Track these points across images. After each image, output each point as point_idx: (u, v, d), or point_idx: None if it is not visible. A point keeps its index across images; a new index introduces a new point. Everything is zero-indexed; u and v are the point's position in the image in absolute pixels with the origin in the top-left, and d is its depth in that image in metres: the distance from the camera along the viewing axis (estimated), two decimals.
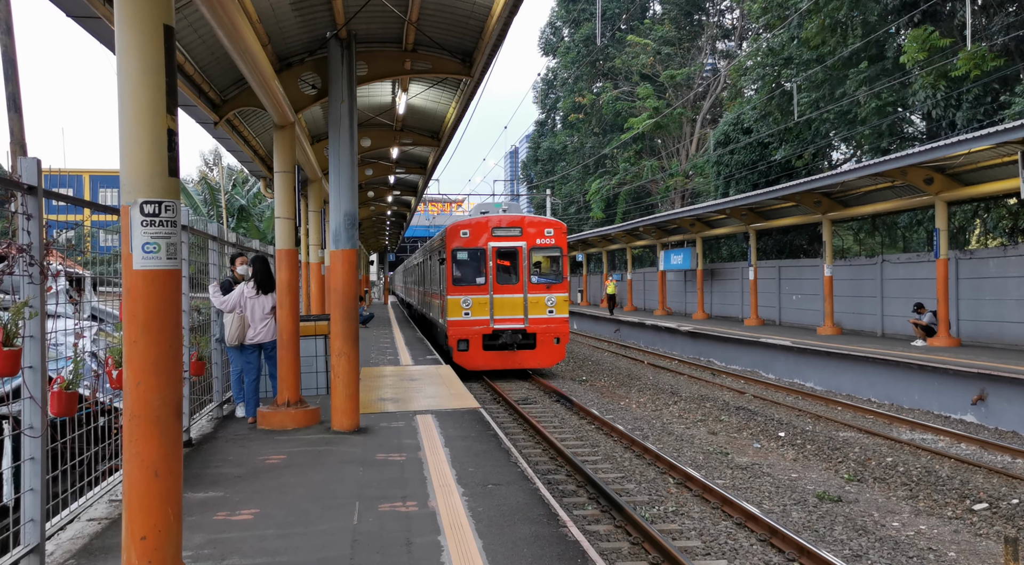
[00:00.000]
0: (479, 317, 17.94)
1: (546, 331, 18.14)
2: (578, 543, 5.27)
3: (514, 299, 18.08)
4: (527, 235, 18.27)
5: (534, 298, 18.08)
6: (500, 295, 18.05)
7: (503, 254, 18.22)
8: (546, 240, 18.33)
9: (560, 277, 18.35)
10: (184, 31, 7.82)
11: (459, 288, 18.02)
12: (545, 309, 18.10)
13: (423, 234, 60.28)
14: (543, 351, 18.25)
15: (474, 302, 17.95)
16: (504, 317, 18.00)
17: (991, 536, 7.69)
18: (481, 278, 18.09)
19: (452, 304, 18.00)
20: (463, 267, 18.13)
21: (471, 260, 18.11)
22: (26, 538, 4.46)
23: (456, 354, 18.06)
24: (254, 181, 45.42)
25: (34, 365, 4.46)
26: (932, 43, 19.89)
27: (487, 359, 18.07)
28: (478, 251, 18.15)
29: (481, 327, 17.98)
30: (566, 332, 18.37)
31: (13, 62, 13.85)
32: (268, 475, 7.11)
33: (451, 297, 18.01)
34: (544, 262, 18.55)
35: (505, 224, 18.35)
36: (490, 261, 18.02)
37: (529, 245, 18.23)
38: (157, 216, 3.87)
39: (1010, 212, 21.21)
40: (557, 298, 18.19)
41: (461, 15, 9.07)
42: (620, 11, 45.71)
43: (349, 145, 9.14)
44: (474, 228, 18.27)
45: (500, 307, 18.03)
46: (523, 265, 18.10)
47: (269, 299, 9.54)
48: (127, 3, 3.83)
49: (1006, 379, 12.42)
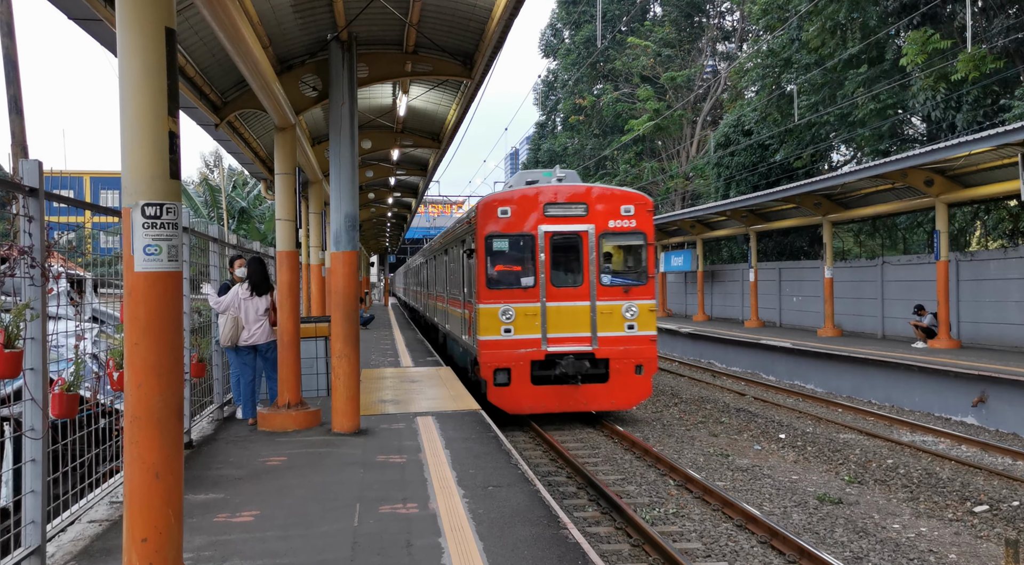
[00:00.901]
0: (525, 335, 12.27)
1: (624, 355, 12.46)
2: (579, 545, 5.27)
3: (576, 309, 12.47)
4: (595, 214, 12.64)
5: (606, 307, 12.46)
6: (556, 303, 12.44)
7: (561, 243, 12.66)
8: (623, 222, 12.69)
9: (644, 276, 12.75)
10: (185, 33, 7.83)
11: (496, 293, 12.38)
12: (622, 323, 12.45)
13: (424, 236, 60.26)
14: (620, 385, 12.50)
15: (518, 314, 12.24)
16: (562, 335, 12.37)
17: (992, 538, 7.68)
18: (528, 278, 12.47)
19: (486, 316, 12.29)
20: (502, 262, 12.69)
21: (514, 251, 12.65)
22: (27, 540, 4.46)
23: (491, 390, 12.25)
24: (255, 183, 45.45)
25: (35, 367, 4.46)
26: (932, 45, 19.90)
27: (538, 398, 12.35)
28: (524, 238, 12.53)
29: (529, 350, 12.27)
30: (653, 356, 12.61)
31: (14, 64, 13.87)
32: (269, 477, 7.11)
33: (484, 305, 12.35)
34: (619, 253, 13.21)
35: (563, 199, 12.66)
36: (541, 253, 12.39)
37: (598, 229, 12.60)
38: (158, 218, 3.88)
39: (1010, 214, 21.22)
40: (640, 307, 12.51)
41: (462, 17, 9.08)
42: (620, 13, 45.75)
43: (350, 147, 9.14)
44: (518, 204, 12.54)
45: (557, 320, 12.39)
46: (590, 258, 12.53)
47: (263, 300, 9.52)
48: (128, 5, 3.84)
49: (1007, 381, 12.42)
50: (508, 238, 12.59)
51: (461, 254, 14.64)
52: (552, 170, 13.89)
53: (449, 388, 12.45)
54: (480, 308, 12.40)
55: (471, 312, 13.31)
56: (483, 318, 12.34)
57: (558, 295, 12.50)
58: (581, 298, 12.50)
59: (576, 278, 12.64)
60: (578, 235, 12.61)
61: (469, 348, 13.78)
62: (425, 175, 19.82)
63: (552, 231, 12.55)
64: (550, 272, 12.49)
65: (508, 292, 12.44)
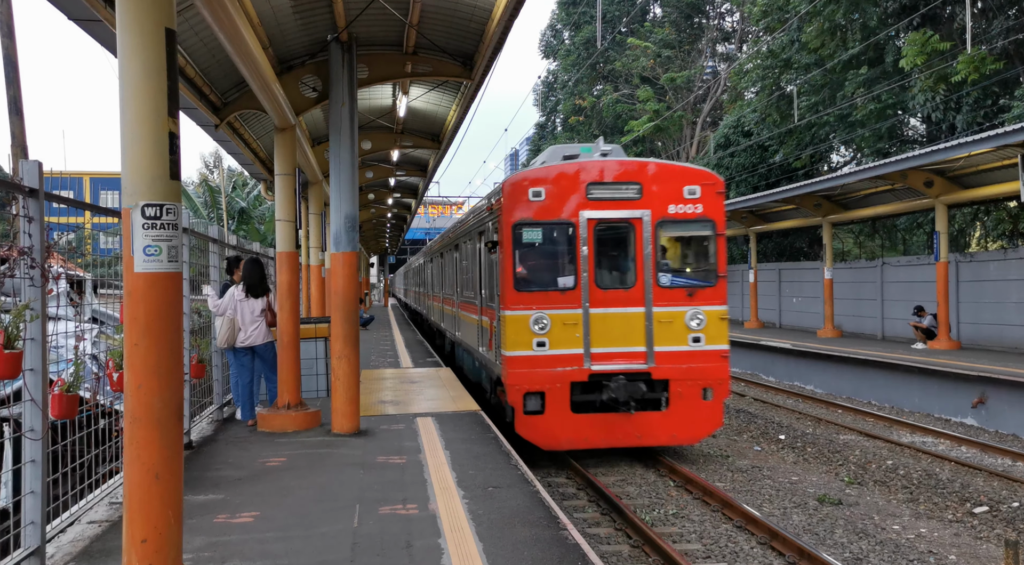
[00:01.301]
0: (564, 350, 9.82)
1: (689, 375, 9.95)
2: (578, 546, 5.27)
3: (628, 317, 9.95)
4: (651, 197, 10.05)
5: (666, 314, 9.96)
6: (602, 309, 9.91)
7: (608, 233, 10.20)
8: (686, 207, 10.11)
9: (713, 275, 10.22)
10: (185, 34, 7.83)
11: (526, 297, 9.90)
12: (685, 334, 9.97)
13: (423, 236, 60.29)
14: (683, 413, 9.96)
15: (555, 323, 9.81)
16: (610, 350, 9.88)
17: (991, 539, 7.68)
18: (567, 278, 10.02)
19: (514, 326, 9.84)
20: (534, 257, 10.17)
21: (549, 244, 10.13)
22: (27, 541, 4.46)
23: (521, 420, 9.79)
24: (255, 184, 45.46)
25: (35, 368, 4.46)
26: (932, 47, 19.92)
27: (579, 430, 9.85)
28: (562, 227, 10.05)
29: (568, 369, 9.81)
30: (725, 376, 10.10)
31: (14, 65, 13.87)
32: (269, 478, 7.10)
33: (511, 312, 9.87)
34: (676, 248, 10.61)
35: (612, 177, 10.13)
36: (584, 246, 9.92)
37: (656, 215, 10.04)
38: (158, 219, 3.88)
39: (1010, 215, 21.23)
40: (709, 314, 10.02)
41: (462, 18, 9.08)
42: (620, 14, 45.78)
43: (350, 148, 9.15)
44: (555, 185, 10.02)
45: (603, 332, 9.88)
46: (644, 253, 9.98)
47: (259, 302, 9.51)
48: (128, 6, 3.84)
49: (1006, 382, 12.42)
50: (542, 227, 9.96)
51: (477, 249, 12.26)
52: (593, 144, 11.42)
53: (449, 389, 12.45)
54: (506, 315, 9.82)
55: (492, 320, 10.83)
56: (510, 328, 9.78)
57: (605, 299, 9.93)
58: (633, 303, 9.95)
59: (627, 278, 10.09)
60: (630, 223, 10.03)
61: (489, 364, 11.16)
62: (425, 176, 19.83)
63: (597, 218, 9.96)
64: (594, 270, 9.95)
65: (541, 295, 9.88)
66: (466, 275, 14.02)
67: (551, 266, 10.11)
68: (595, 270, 9.98)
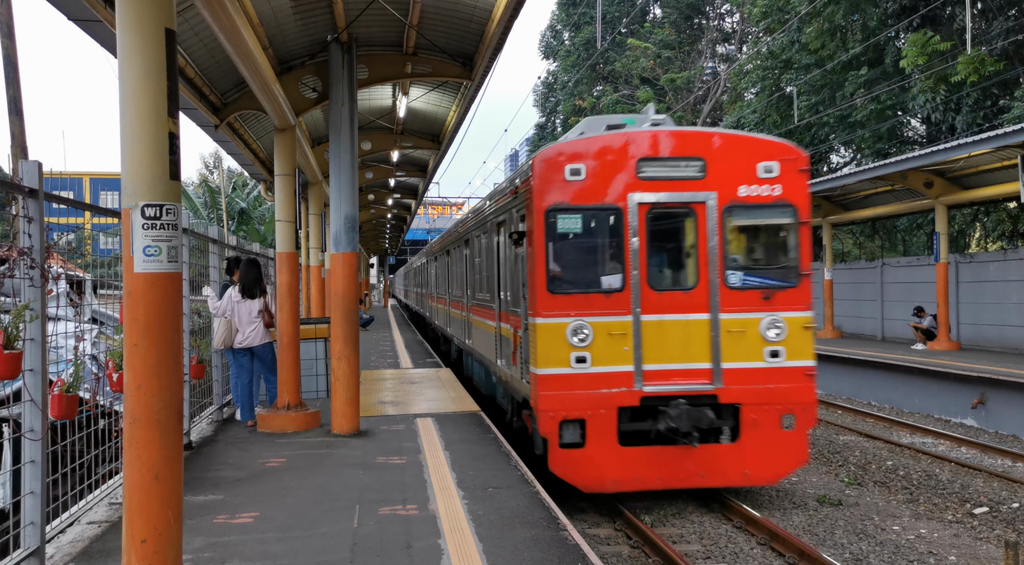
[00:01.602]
0: (609, 367, 7.95)
1: (765, 398, 8.06)
2: (578, 546, 5.27)
3: (688, 325, 8.11)
4: (718, 175, 8.16)
5: (736, 322, 8.09)
6: (657, 316, 8.06)
7: (664, 221, 8.37)
8: (762, 188, 8.22)
9: (794, 273, 8.27)
10: (185, 34, 7.83)
11: (563, 300, 7.99)
12: (760, 347, 8.10)
13: (423, 237, 60.30)
14: (758, 446, 8.08)
15: (598, 333, 7.95)
16: (667, 367, 8.04)
17: (991, 540, 7.68)
18: (613, 277, 8.13)
19: (547, 337, 7.96)
20: (573, 252, 8.29)
21: (590, 235, 8.30)
22: (26, 541, 4.46)
23: (556, 455, 7.90)
24: (254, 184, 45.46)
25: (35, 368, 4.46)
26: (932, 47, 19.93)
27: (628, 467, 7.97)
28: (607, 214, 8.18)
29: (615, 391, 7.94)
30: (811, 400, 8.17)
31: (14, 65, 13.87)
32: (268, 478, 7.10)
33: (545, 319, 7.97)
34: (748, 239, 8.58)
35: (669, 151, 8.21)
36: (634, 237, 8.05)
37: (723, 198, 8.15)
38: (158, 219, 3.88)
39: (1010, 216, 21.23)
40: (790, 323, 8.14)
41: (462, 19, 9.09)
42: (620, 15, 45.80)
43: (350, 148, 9.15)
44: (598, 160, 8.11)
45: (658, 344, 8.04)
46: (709, 245, 8.12)
47: (256, 303, 9.51)
48: (128, 6, 3.84)
49: (1006, 383, 12.41)
50: (582, 213, 8.04)
51: (496, 243, 10.45)
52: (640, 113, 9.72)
53: (449, 389, 12.45)
54: (537, 324, 7.91)
55: (516, 328, 9.07)
56: (542, 340, 7.87)
57: (659, 304, 7.98)
58: (695, 308, 8.01)
59: (687, 277, 8.23)
60: (690, 208, 8.09)
61: (511, 382, 9.39)
62: (425, 176, 19.83)
63: (650, 202, 8.01)
64: (647, 267, 8.02)
65: (581, 299, 7.91)
66: (479, 274, 12.17)
67: (593, 262, 8.25)
68: (647, 267, 8.05)
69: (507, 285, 9.83)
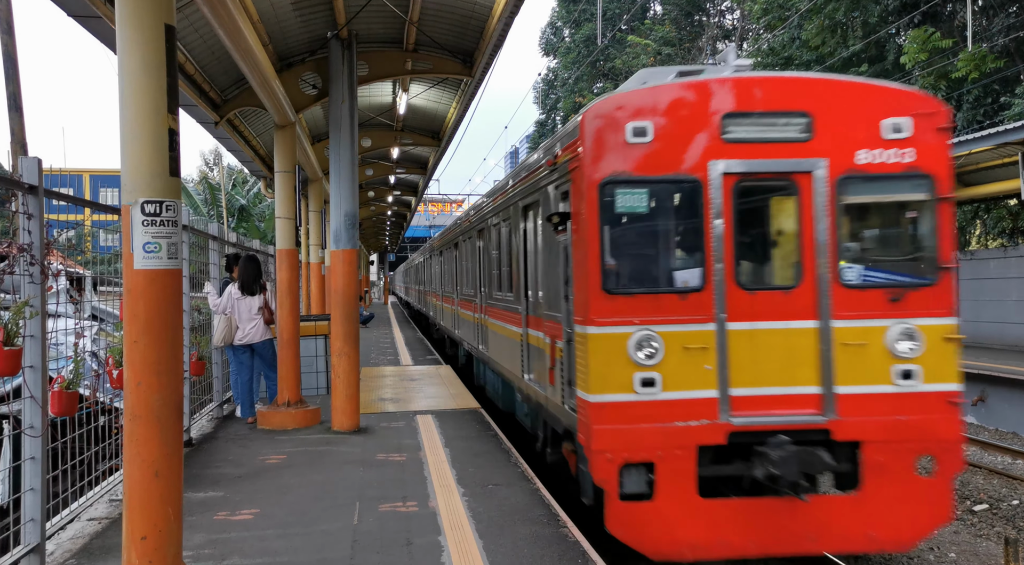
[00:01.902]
0: (685, 392, 5.88)
1: (894, 434, 5.92)
2: (579, 544, 5.28)
3: (791, 335, 5.99)
4: (828, 135, 6.00)
5: (853, 332, 5.97)
6: (748, 324, 5.95)
7: (756, 198, 6.33)
8: (887, 154, 6.05)
9: (932, 266, 6.10)
10: (185, 31, 7.82)
11: (623, 303, 5.90)
12: (888, 365, 5.99)
13: (424, 234, 60.30)
14: (886, 497, 5.89)
15: (670, 345, 5.88)
16: (762, 391, 5.94)
17: (991, 537, 7.69)
18: (690, 272, 6.08)
19: (603, 351, 5.88)
20: (634, 238, 6.32)
21: (659, 217, 6.27)
22: (26, 538, 4.46)
23: (616, 508, 5.72)
24: (254, 181, 45.45)
25: (35, 365, 4.46)
26: (933, 44, 19.90)
27: (714, 526, 5.83)
28: (682, 188, 6.10)
29: (692, 424, 5.86)
30: (955, 437, 5.97)
31: (14, 61, 13.85)
32: (268, 475, 7.11)
33: (598, 329, 5.89)
34: (869, 221, 6.59)
35: (762, 105, 6.06)
36: (717, 218, 5.94)
37: (837, 166, 6.02)
38: (158, 216, 3.87)
39: (1010, 213, 21.21)
40: (927, 332, 6.01)
41: (462, 15, 9.07)
42: (621, 12, 45.76)
43: (350, 145, 9.14)
44: (669, 117, 6.00)
45: (750, 360, 5.94)
46: (818, 229, 6.01)
47: (256, 299, 9.50)
48: (128, 2, 3.83)
49: (1006, 380, 12.42)
50: (648, 187, 6.02)
51: (521, 231, 8.51)
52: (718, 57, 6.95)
53: (449, 387, 12.45)
54: (590, 334, 5.91)
55: (554, 338, 7.06)
56: (597, 355, 5.89)
57: (752, 307, 5.95)
58: (799, 313, 5.98)
59: (788, 271, 6.14)
60: (792, 181, 6.05)
61: (548, 408, 7.35)
62: (425, 173, 19.82)
63: (740, 172, 5.98)
64: (734, 259, 5.97)
65: (648, 301, 5.92)
66: (498, 270, 10.22)
67: (663, 252, 6.24)
68: (735, 258, 5.93)
69: (538, 283, 7.84)
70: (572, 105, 48.59)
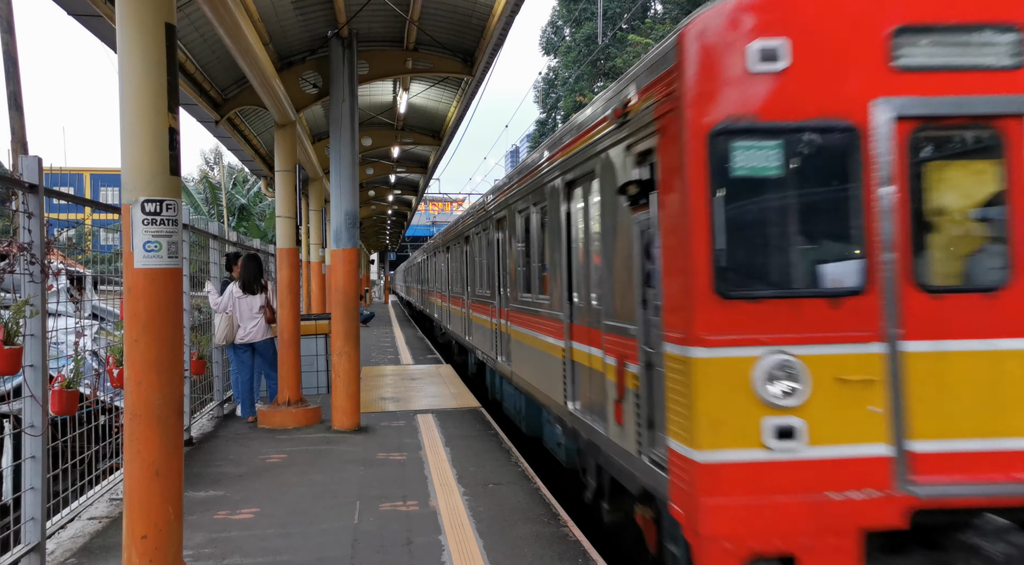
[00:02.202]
0: (839, 445, 3.72)
1: None
2: (579, 543, 5.27)
3: (996, 358, 3.77)
4: None
5: None
6: (930, 343, 3.77)
7: (942, 151, 4.13)
8: None
9: None
10: (185, 29, 7.82)
11: (743, 310, 3.74)
12: None
13: (425, 233, 60.30)
14: None
15: (818, 376, 3.73)
16: (955, 444, 3.75)
17: None
18: (845, 266, 3.87)
19: (716, 385, 3.72)
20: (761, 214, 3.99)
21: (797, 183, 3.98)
22: (27, 537, 4.46)
23: None
24: (255, 180, 45.46)
25: (35, 364, 4.46)
26: None
27: None
28: (833, 137, 3.84)
29: (854, 494, 3.68)
30: None
31: (14, 60, 13.85)
32: (269, 474, 7.11)
33: (707, 351, 3.72)
34: None
35: (952, 13, 3.83)
36: (885, 183, 3.76)
37: None
38: (158, 215, 3.87)
39: None
40: None
41: (463, 14, 9.06)
42: (621, 11, 45.76)
43: (350, 144, 9.14)
44: (814, 30, 3.81)
45: (936, 396, 3.74)
46: None
47: (257, 298, 9.50)
48: (129, 1, 3.83)
49: None
50: (782, 139, 3.88)
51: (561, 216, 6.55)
52: None
53: (449, 386, 12.45)
54: (696, 359, 3.80)
55: (623, 359, 5.04)
56: (707, 391, 3.79)
57: (938, 318, 3.85)
58: (1010, 329, 3.84)
59: (990, 265, 3.99)
60: (996, 129, 3.92)
61: (613, 455, 5.25)
62: (425, 172, 19.82)
63: (919, 114, 3.88)
64: (910, 246, 3.88)
65: (782, 309, 3.83)
66: (524, 266, 8.40)
67: (802, 236, 4.10)
68: (912, 246, 3.92)
69: (590, 282, 5.87)
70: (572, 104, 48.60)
